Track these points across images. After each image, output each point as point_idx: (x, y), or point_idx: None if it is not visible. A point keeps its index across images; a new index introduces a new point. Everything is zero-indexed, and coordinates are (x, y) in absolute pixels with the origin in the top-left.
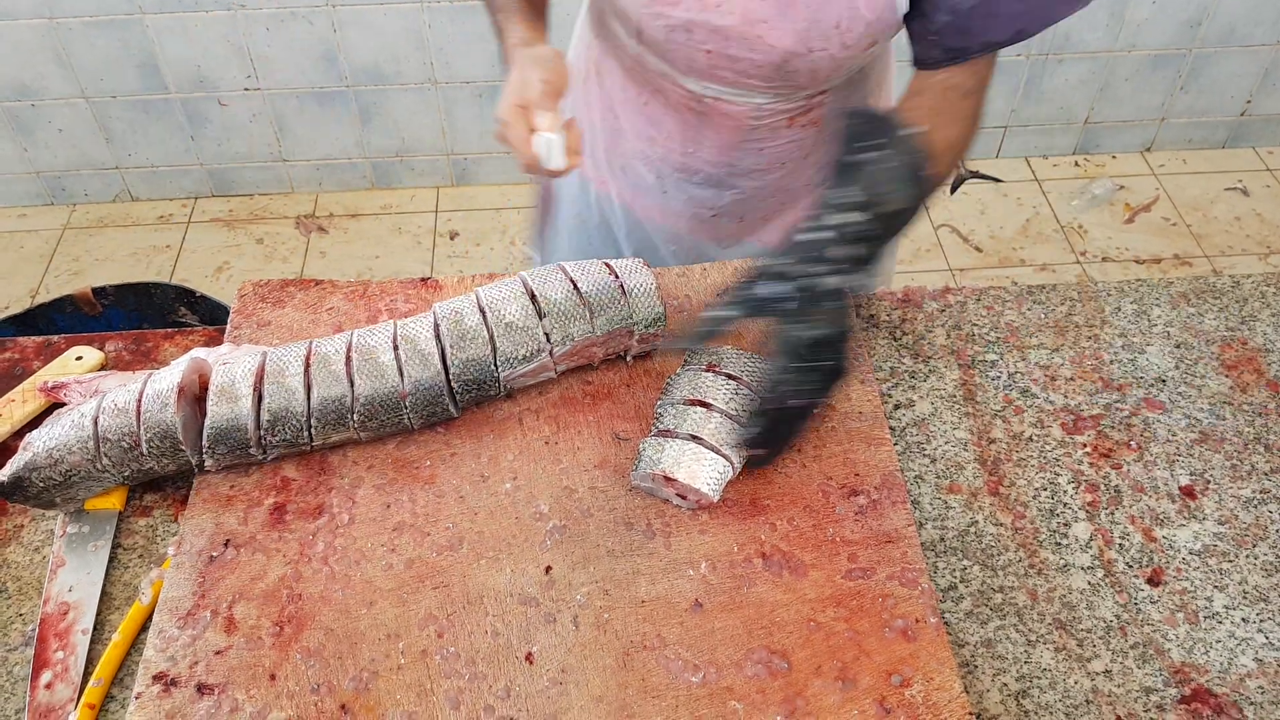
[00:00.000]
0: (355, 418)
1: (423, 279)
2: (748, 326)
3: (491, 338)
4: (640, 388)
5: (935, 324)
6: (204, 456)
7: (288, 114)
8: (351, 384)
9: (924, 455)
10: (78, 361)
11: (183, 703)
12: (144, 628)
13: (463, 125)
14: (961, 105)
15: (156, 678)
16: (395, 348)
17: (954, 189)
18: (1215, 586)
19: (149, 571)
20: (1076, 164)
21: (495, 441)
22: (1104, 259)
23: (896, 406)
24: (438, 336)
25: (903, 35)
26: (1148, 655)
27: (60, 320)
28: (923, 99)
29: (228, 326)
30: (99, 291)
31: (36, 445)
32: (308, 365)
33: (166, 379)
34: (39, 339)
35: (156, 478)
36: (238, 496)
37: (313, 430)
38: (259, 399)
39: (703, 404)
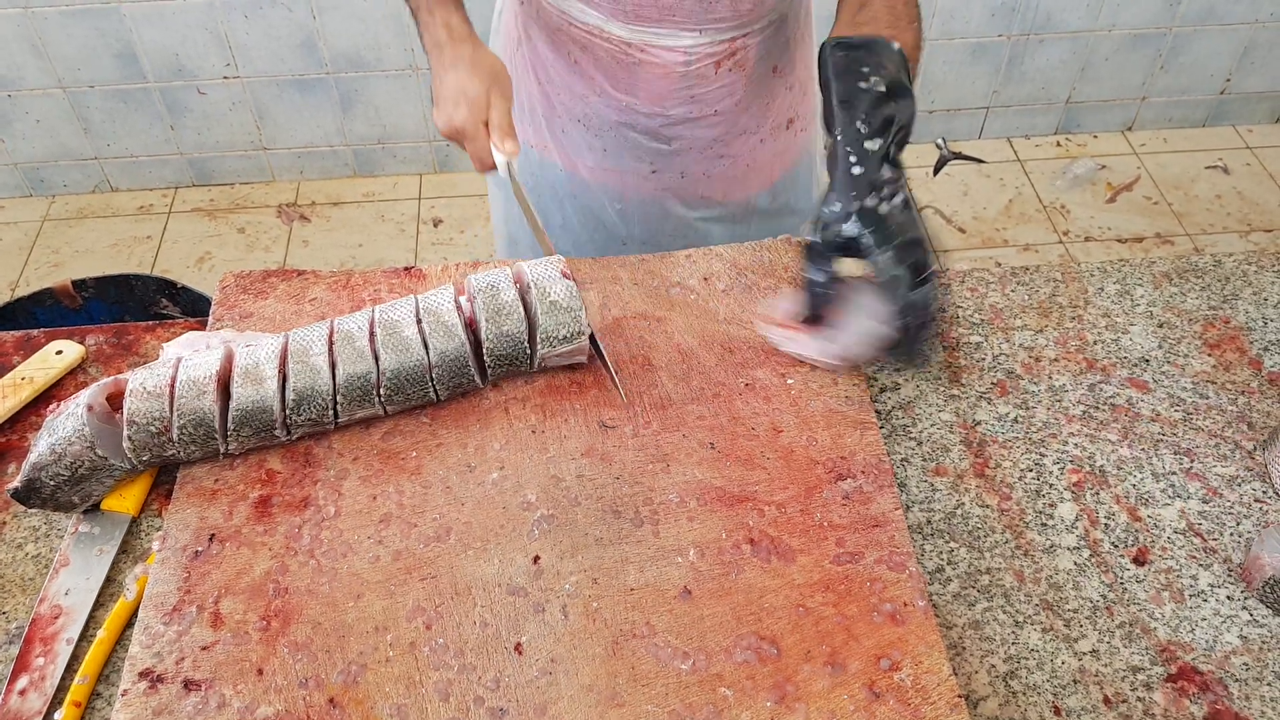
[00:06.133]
0: (381, 392)
1: (406, 268)
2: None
3: (531, 314)
4: (627, 377)
5: None
6: (228, 440)
7: (268, 102)
8: (376, 359)
9: (910, 438)
10: (58, 356)
11: (169, 699)
12: (129, 624)
13: None
14: (907, 10)
15: (142, 674)
16: (419, 321)
17: (937, 170)
18: (1200, 565)
19: (134, 567)
20: (1058, 144)
21: (481, 431)
22: (1086, 238)
23: (882, 390)
24: (458, 308)
25: None
26: (1134, 634)
27: (40, 314)
28: (874, 13)
29: (209, 318)
30: (79, 284)
31: (40, 445)
32: (331, 344)
33: (203, 366)
34: (18, 333)
35: (166, 464)
36: (222, 490)
37: (338, 407)
38: (283, 380)
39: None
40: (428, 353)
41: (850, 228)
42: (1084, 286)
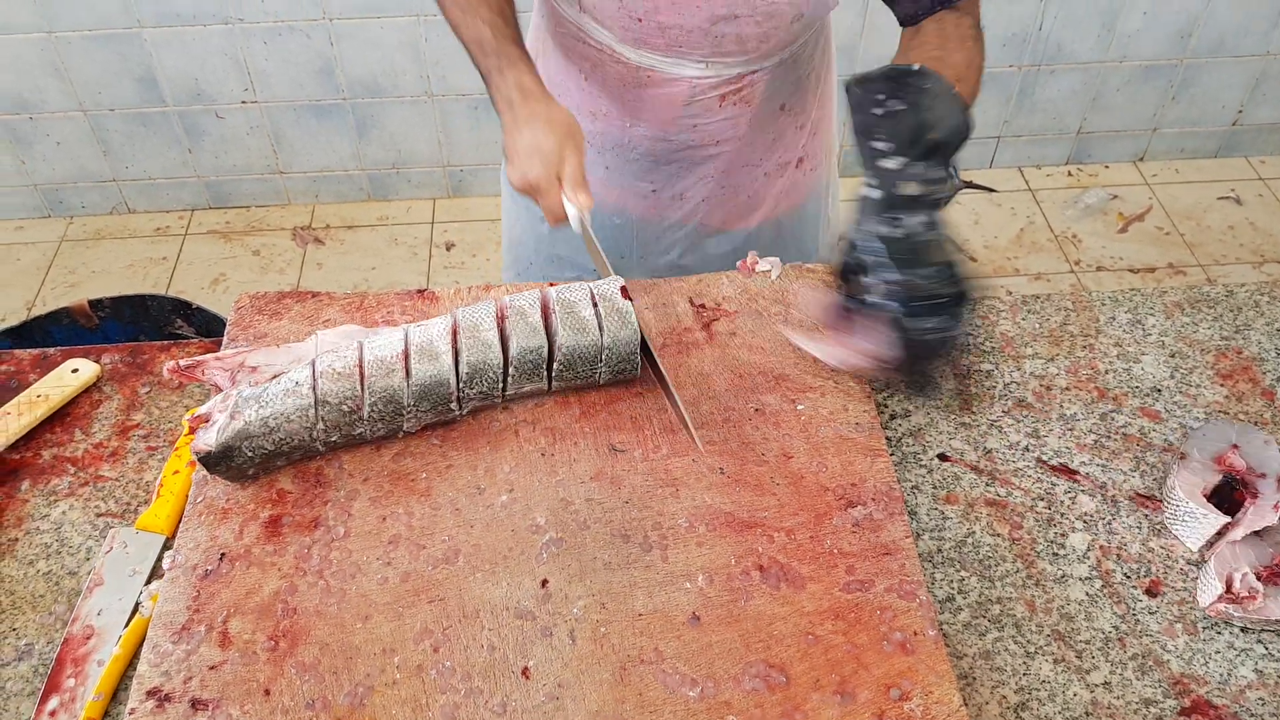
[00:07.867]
0: (555, 367)
1: (419, 291)
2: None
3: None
4: (637, 399)
5: None
6: (406, 417)
7: (285, 126)
8: (550, 337)
9: (920, 466)
10: (73, 374)
11: (176, 719)
12: (144, 641)
13: (459, 137)
14: (960, 29)
15: (150, 693)
16: (594, 305)
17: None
18: None
19: (148, 584)
20: (1069, 174)
21: (491, 454)
22: (1098, 268)
23: (893, 417)
24: (627, 296)
25: (844, 27)
26: (1147, 666)
27: (56, 333)
28: (923, 38)
29: (224, 339)
30: (95, 304)
31: (248, 413)
32: (501, 320)
33: (388, 346)
34: (35, 352)
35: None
36: (233, 509)
37: (509, 379)
38: (456, 355)
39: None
40: (602, 336)
41: (858, 251)
42: (1095, 315)
